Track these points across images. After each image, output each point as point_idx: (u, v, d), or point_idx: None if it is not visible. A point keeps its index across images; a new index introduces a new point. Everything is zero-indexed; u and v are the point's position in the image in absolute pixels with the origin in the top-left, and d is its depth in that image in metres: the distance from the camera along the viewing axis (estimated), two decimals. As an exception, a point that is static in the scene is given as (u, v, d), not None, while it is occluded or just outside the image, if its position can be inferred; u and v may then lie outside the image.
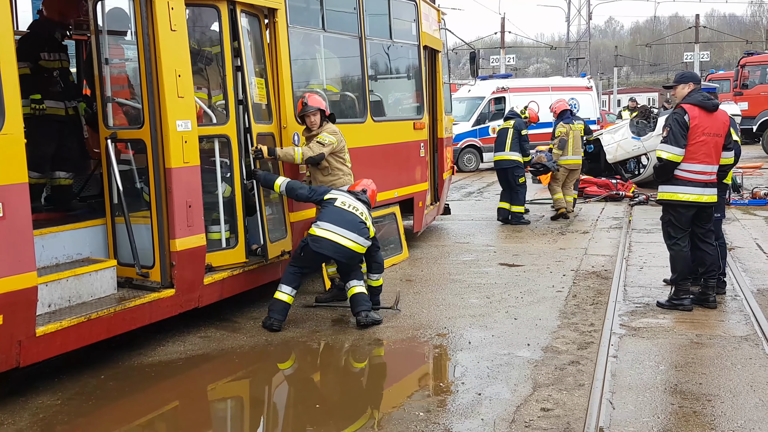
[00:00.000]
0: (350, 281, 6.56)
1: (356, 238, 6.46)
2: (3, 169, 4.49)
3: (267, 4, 6.90)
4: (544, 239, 10.67)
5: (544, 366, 5.41)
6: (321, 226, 6.42)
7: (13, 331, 4.63)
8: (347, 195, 6.68)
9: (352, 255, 6.51)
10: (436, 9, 11.25)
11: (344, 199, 6.61)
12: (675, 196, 6.64)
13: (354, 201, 6.64)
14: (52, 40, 6.65)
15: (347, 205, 6.55)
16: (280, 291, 6.41)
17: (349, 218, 6.48)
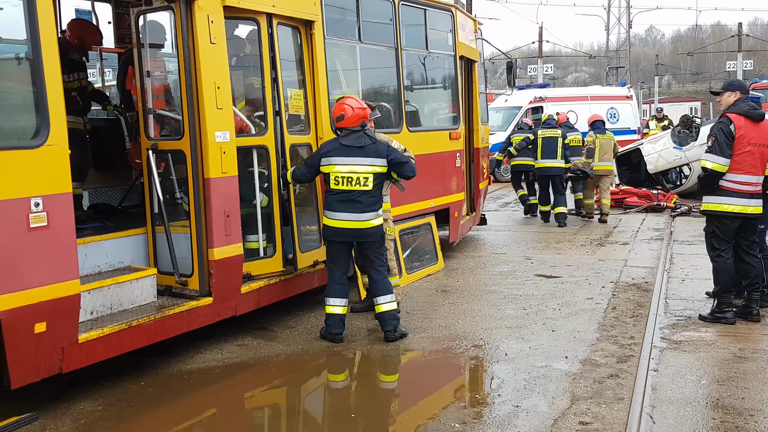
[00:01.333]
0: (377, 297, 6.39)
1: (359, 216, 6.21)
2: (48, 179, 4.61)
3: (304, 16, 6.98)
4: (583, 250, 10.55)
5: (582, 379, 5.34)
6: (327, 215, 6.31)
7: (56, 338, 4.74)
8: (339, 158, 6.20)
9: (365, 233, 6.26)
10: (472, 19, 11.24)
11: (334, 168, 6.21)
12: (720, 206, 6.52)
13: (348, 162, 6.19)
14: (69, 62, 6.82)
15: (339, 180, 6.19)
16: (330, 305, 6.34)
17: (344, 198, 6.20)
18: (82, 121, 6.95)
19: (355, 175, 6.22)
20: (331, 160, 6.22)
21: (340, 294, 6.34)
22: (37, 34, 4.55)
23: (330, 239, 6.35)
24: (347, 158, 6.22)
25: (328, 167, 6.23)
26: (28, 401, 5.01)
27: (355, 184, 6.22)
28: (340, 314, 6.35)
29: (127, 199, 7.38)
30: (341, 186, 6.21)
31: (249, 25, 6.63)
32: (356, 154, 6.23)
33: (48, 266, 4.62)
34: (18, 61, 4.92)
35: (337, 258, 6.40)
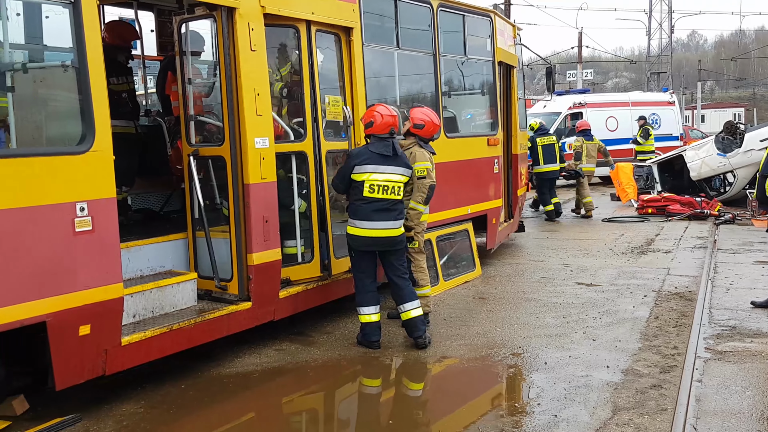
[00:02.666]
0: (405, 303, 6.33)
1: (392, 224, 6.21)
2: (93, 185, 4.70)
3: (343, 23, 7.02)
4: (624, 258, 10.39)
5: (624, 389, 5.25)
6: (355, 224, 6.18)
7: (100, 340, 4.82)
8: (373, 165, 6.15)
9: (395, 241, 6.26)
10: (511, 24, 11.19)
11: (369, 176, 6.13)
12: None
13: (382, 170, 6.16)
14: (118, 65, 6.95)
15: (374, 188, 6.13)
16: (365, 314, 6.31)
17: (377, 207, 6.15)
18: (134, 125, 7.07)
19: (391, 183, 6.20)
20: (366, 168, 6.15)
21: (373, 302, 6.31)
22: (83, 42, 4.65)
23: (359, 249, 6.27)
24: (383, 166, 6.18)
25: (362, 175, 6.14)
26: (72, 403, 5.10)
27: (390, 192, 6.19)
28: (376, 321, 6.33)
29: (168, 205, 7.49)
30: (376, 194, 6.15)
31: (289, 32, 6.68)
32: (390, 163, 6.21)
33: (92, 270, 4.71)
34: (64, 68, 5.03)
35: (366, 267, 6.32)
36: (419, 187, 6.70)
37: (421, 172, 6.69)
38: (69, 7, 4.62)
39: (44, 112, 5.20)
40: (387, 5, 7.76)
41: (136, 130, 7.10)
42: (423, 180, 6.69)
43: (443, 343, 6.46)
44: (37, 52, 6.08)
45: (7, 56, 5.10)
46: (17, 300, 4.31)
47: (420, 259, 7.00)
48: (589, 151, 15.35)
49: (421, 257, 7.01)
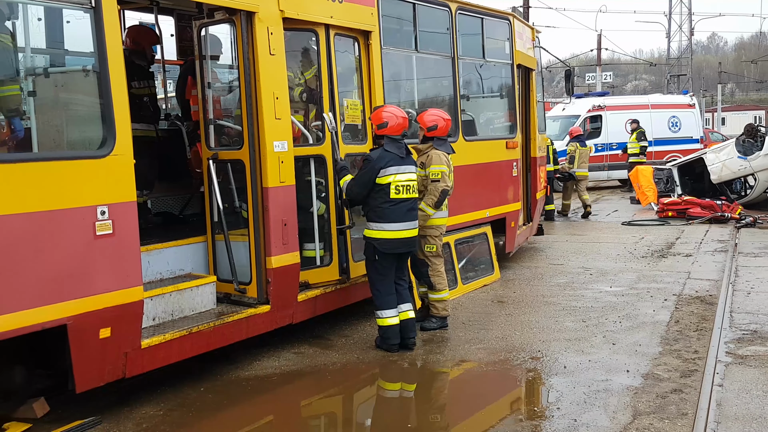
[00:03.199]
0: (402, 304, 6.36)
1: (415, 224, 6.35)
2: (114, 189, 4.74)
3: (362, 27, 7.03)
4: (644, 262, 10.30)
5: (644, 393, 5.20)
6: (383, 227, 6.16)
7: (120, 343, 4.85)
8: (395, 167, 6.15)
9: (415, 241, 6.43)
10: (530, 27, 11.15)
11: (395, 178, 6.15)
12: None
13: (403, 170, 6.20)
14: (139, 69, 7.00)
15: (400, 189, 6.15)
16: (386, 317, 6.26)
17: (404, 208, 6.21)
18: (154, 129, 7.12)
19: (411, 182, 6.27)
20: (389, 170, 6.15)
21: (393, 305, 6.30)
22: (104, 46, 4.68)
23: (387, 252, 6.23)
24: (403, 167, 6.22)
25: (387, 177, 6.13)
26: (92, 405, 5.14)
27: (412, 191, 6.28)
28: (396, 325, 6.30)
29: (187, 208, 7.53)
30: (402, 195, 6.18)
31: (308, 36, 6.70)
32: (406, 162, 6.27)
33: (113, 273, 4.74)
34: (85, 73, 5.08)
35: (389, 270, 6.32)
36: (431, 190, 6.73)
37: (435, 175, 6.71)
38: (90, 12, 4.66)
39: (65, 117, 5.26)
40: (405, 9, 7.77)
41: (156, 134, 7.16)
42: (436, 183, 6.71)
43: (462, 347, 6.44)
44: (59, 57, 6.14)
45: (29, 61, 5.17)
46: (38, 303, 4.34)
47: (437, 263, 6.98)
48: (582, 157, 16.08)
49: (438, 261, 7.00)
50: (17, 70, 5.02)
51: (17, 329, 4.26)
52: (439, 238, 6.95)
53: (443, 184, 6.73)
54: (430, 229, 6.87)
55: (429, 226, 6.86)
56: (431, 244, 6.89)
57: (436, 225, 6.91)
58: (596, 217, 15.92)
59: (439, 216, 6.92)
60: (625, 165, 20.21)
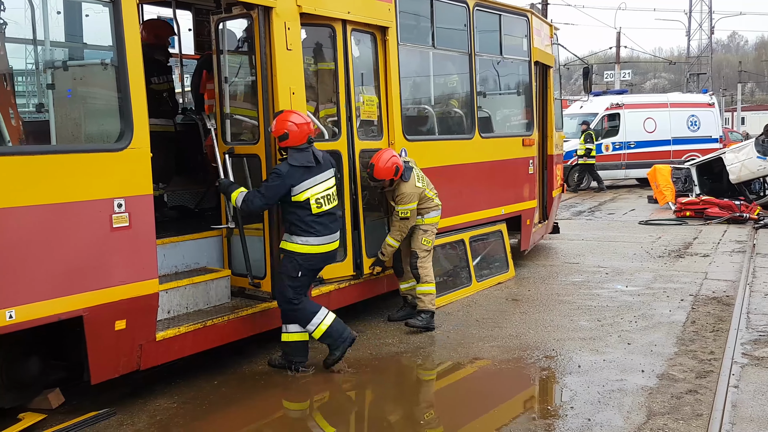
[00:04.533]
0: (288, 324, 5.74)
1: (337, 236, 5.78)
2: (131, 182, 4.77)
3: (379, 22, 7.01)
4: (661, 262, 10.23)
5: (659, 394, 5.17)
6: (312, 243, 5.58)
7: (135, 335, 4.89)
8: (309, 180, 5.57)
9: (337, 252, 5.88)
10: (548, 24, 11.08)
11: (312, 192, 5.57)
12: None
13: (318, 180, 5.62)
14: (158, 64, 7.03)
15: (321, 202, 5.61)
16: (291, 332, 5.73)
17: (327, 220, 5.66)
18: (173, 123, 7.17)
19: (330, 190, 5.71)
20: (303, 185, 5.54)
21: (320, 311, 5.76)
22: (123, 40, 4.71)
23: (312, 268, 5.70)
24: (317, 177, 5.62)
25: (304, 194, 5.54)
26: (106, 397, 5.18)
27: (333, 200, 5.72)
28: (305, 340, 5.80)
29: (203, 202, 7.56)
30: (325, 207, 5.63)
31: (325, 32, 6.70)
32: (319, 170, 5.65)
33: (129, 265, 4.77)
34: (104, 66, 5.11)
35: (306, 289, 5.77)
36: (400, 227, 6.77)
37: (404, 213, 6.73)
38: (109, 6, 4.68)
39: (83, 110, 5.29)
40: (423, 5, 7.75)
41: (174, 128, 7.20)
42: (405, 221, 6.76)
43: (475, 345, 6.43)
44: (77, 50, 6.18)
45: (48, 54, 5.21)
46: (55, 294, 4.38)
47: (426, 256, 6.95)
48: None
49: (428, 255, 6.97)
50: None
51: (34, 320, 4.30)
52: (434, 234, 7.01)
53: (411, 221, 6.78)
54: (430, 225, 6.97)
55: (429, 224, 6.96)
56: (428, 239, 6.93)
57: (434, 222, 7.02)
58: (613, 216, 15.82)
59: (438, 214, 7.03)
60: (643, 164, 20.09)
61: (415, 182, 6.80)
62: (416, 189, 6.79)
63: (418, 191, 6.79)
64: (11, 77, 5.27)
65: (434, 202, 7.00)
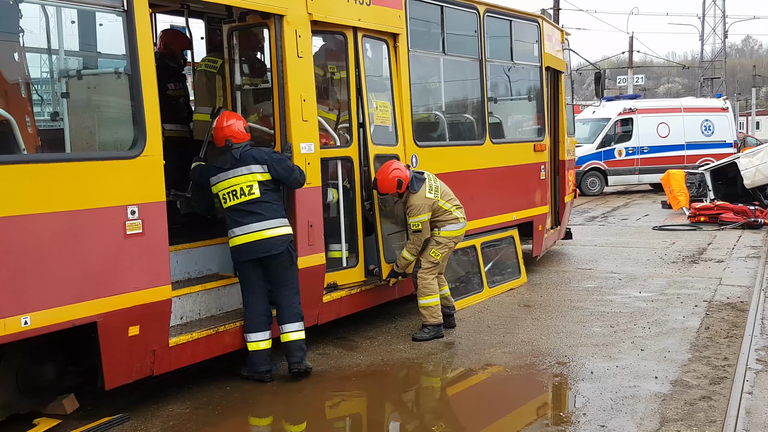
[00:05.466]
0: (284, 324, 5.70)
1: (262, 225, 5.56)
2: (144, 189, 4.81)
3: (389, 29, 7.04)
4: (675, 267, 10.17)
5: (672, 400, 5.14)
6: (231, 234, 5.62)
7: (148, 341, 4.92)
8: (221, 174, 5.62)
9: (272, 243, 5.56)
10: (559, 29, 11.08)
11: (221, 185, 5.62)
12: None
13: (222, 177, 5.62)
14: (174, 71, 7.10)
15: (229, 195, 5.60)
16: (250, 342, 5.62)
17: (243, 211, 5.57)
18: (188, 130, 7.22)
19: (237, 186, 5.59)
20: (212, 179, 5.70)
21: (262, 327, 5.66)
22: (136, 49, 4.76)
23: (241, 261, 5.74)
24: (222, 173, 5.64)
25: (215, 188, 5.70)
26: (120, 402, 5.21)
27: (241, 195, 5.60)
28: (266, 349, 5.68)
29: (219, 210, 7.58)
30: (230, 202, 5.63)
31: (336, 39, 6.74)
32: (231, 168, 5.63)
33: (142, 272, 4.81)
34: (117, 75, 5.17)
35: (252, 283, 5.72)
36: (414, 240, 6.70)
37: (416, 226, 6.65)
38: (122, 15, 4.73)
39: (97, 118, 5.34)
40: (433, 11, 7.77)
41: (190, 134, 7.24)
42: (418, 234, 6.67)
43: (487, 351, 6.42)
44: (91, 59, 6.25)
45: (63, 63, 5.27)
46: (70, 300, 4.42)
47: (430, 268, 6.76)
48: None
49: (432, 267, 6.77)
50: None
51: (49, 326, 4.34)
52: (447, 248, 6.82)
53: (425, 234, 6.68)
54: (446, 239, 6.80)
55: (447, 237, 6.79)
56: (438, 252, 6.75)
57: (454, 236, 6.85)
58: (626, 221, 15.76)
59: (458, 227, 6.85)
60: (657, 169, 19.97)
61: (425, 193, 6.67)
62: (426, 200, 6.66)
63: (428, 203, 6.66)
64: (27, 85, 5.34)
65: (452, 215, 6.81)
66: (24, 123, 4.82)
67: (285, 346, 5.73)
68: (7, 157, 4.40)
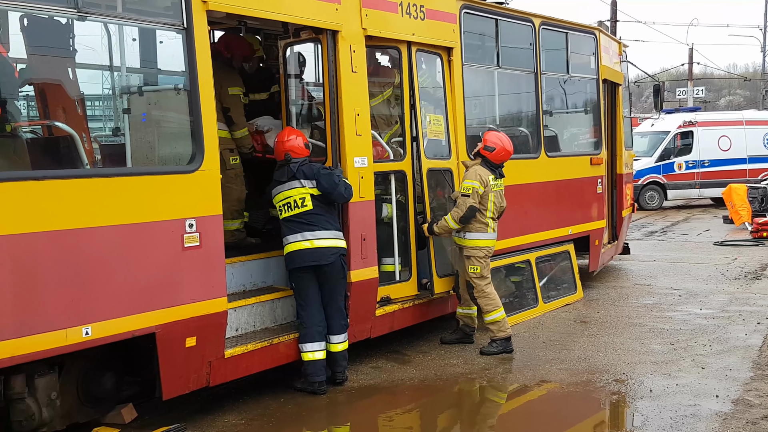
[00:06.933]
0: (331, 335, 5.78)
1: (313, 234, 5.69)
2: (201, 202, 4.90)
3: (443, 43, 7.05)
4: (736, 284, 9.85)
5: (734, 419, 4.97)
6: (285, 242, 5.78)
7: (205, 352, 4.99)
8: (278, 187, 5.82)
9: (322, 253, 5.66)
10: (617, 41, 10.92)
11: (278, 198, 5.82)
12: None
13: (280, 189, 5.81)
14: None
15: (285, 207, 5.79)
16: (304, 352, 5.69)
17: (297, 222, 5.73)
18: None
19: (290, 199, 5.75)
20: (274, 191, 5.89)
21: (317, 337, 5.72)
22: (195, 66, 4.86)
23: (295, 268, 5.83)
24: (280, 186, 5.83)
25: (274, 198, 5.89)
26: (176, 413, 5.29)
27: (294, 207, 5.76)
28: (321, 360, 5.74)
29: (270, 222, 7.68)
30: (285, 213, 5.82)
31: (391, 53, 6.78)
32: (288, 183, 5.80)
33: (199, 284, 4.90)
34: (177, 91, 5.30)
35: (306, 293, 5.80)
36: (459, 204, 6.61)
37: (466, 189, 6.60)
38: (182, 33, 4.86)
39: (157, 133, 5.48)
40: (488, 25, 7.76)
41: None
42: (465, 198, 6.58)
43: (542, 367, 6.32)
44: (152, 76, 6.42)
45: (125, 80, 5.43)
46: (129, 311, 4.52)
47: (482, 284, 6.72)
48: None
49: (483, 282, 6.72)
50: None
51: (109, 336, 4.44)
52: (484, 260, 6.72)
53: (472, 200, 6.57)
54: (474, 249, 6.70)
55: (472, 247, 6.70)
56: (474, 266, 6.68)
57: (480, 246, 6.72)
58: (686, 236, 15.36)
59: (484, 237, 6.72)
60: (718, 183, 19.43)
61: (482, 173, 6.66)
62: (480, 175, 6.64)
63: (484, 180, 6.63)
64: (83, 102, 5.51)
65: (483, 221, 6.72)
66: (81, 139, 4.96)
67: (331, 357, 5.79)
68: (72, 172, 4.56)
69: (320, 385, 5.70)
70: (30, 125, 5.44)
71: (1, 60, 4.41)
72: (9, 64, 4.75)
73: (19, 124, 4.90)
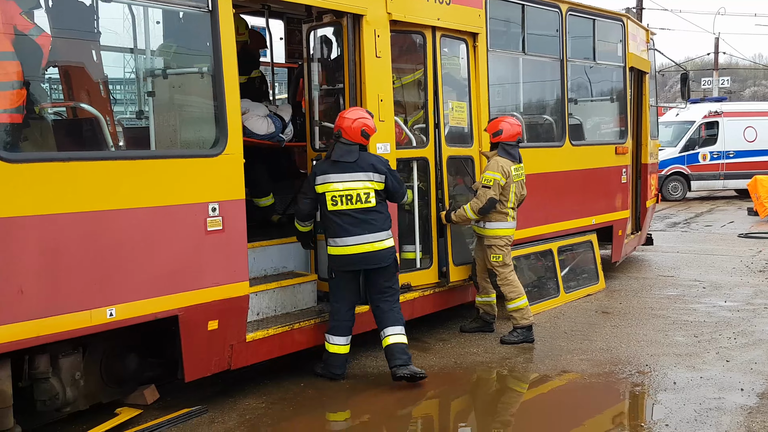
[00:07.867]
0: (386, 327, 5.62)
1: (370, 237, 5.49)
2: (224, 186, 4.90)
3: (468, 28, 6.98)
4: (762, 276, 9.72)
5: (759, 413, 4.90)
6: (333, 243, 5.53)
7: (227, 336, 5.01)
8: (336, 174, 5.46)
9: (381, 256, 5.53)
10: (644, 29, 10.75)
11: (332, 186, 5.45)
12: None
13: (344, 178, 5.45)
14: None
15: (337, 200, 5.45)
16: (330, 343, 5.65)
17: (349, 220, 5.45)
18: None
19: (355, 191, 5.47)
20: (328, 177, 5.49)
21: (345, 332, 5.68)
22: (219, 49, 4.84)
23: (341, 270, 5.63)
24: (345, 174, 5.49)
25: (323, 186, 5.51)
26: (198, 395, 5.33)
27: (357, 201, 5.48)
28: (344, 354, 5.71)
29: (291, 207, 7.68)
30: (342, 206, 5.47)
31: (414, 39, 6.71)
32: (353, 169, 5.50)
33: (221, 268, 4.90)
34: (201, 75, 5.28)
35: (345, 291, 5.68)
36: (479, 195, 6.54)
37: (486, 181, 6.52)
38: (207, 15, 4.83)
39: (181, 117, 5.47)
40: (514, 10, 7.66)
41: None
42: (486, 190, 6.50)
43: (563, 357, 6.27)
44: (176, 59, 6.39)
45: (149, 62, 5.42)
46: (152, 294, 4.54)
47: (505, 271, 6.68)
48: None
49: (506, 270, 6.69)
50: None
51: (133, 318, 4.47)
52: (505, 248, 6.66)
53: (493, 192, 6.49)
54: (494, 239, 6.64)
55: (492, 236, 6.64)
56: (497, 254, 6.63)
57: (500, 235, 6.66)
58: (710, 228, 15.18)
59: (504, 226, 6.66)
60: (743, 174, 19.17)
61: (503, 163, 6.56)
62: (502, 166, 6.54)
63: (502, 169, 6.53)
64: (106, 85, 5.51)
65: (503, 212, 6.64)
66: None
67: (388, 350, 5.61)
68: (97, 154, 4.57)
69: (339, 376, 5.70)
70: (55, 106, 5.45)
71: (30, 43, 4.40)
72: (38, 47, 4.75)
73: (44, 105, 4.91)
